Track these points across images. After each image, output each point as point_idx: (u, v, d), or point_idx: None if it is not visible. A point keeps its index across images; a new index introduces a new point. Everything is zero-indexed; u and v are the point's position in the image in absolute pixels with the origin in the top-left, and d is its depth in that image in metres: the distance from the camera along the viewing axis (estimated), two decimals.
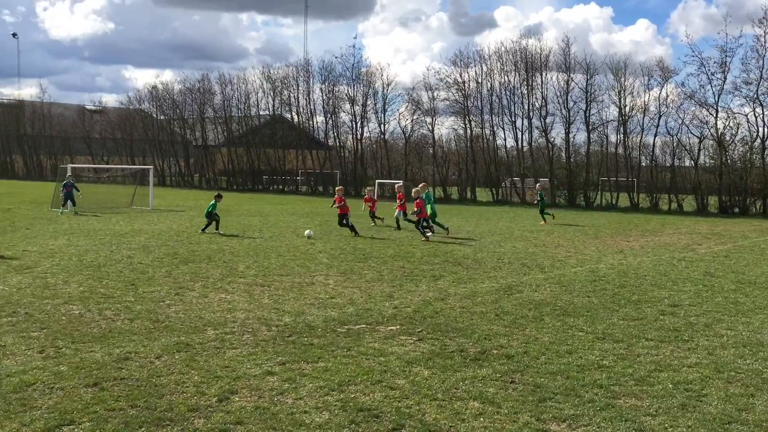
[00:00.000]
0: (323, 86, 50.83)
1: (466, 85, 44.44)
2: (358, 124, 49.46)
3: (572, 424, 5.50)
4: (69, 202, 25.49)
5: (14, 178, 65.95)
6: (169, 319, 8.73)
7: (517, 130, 43.77)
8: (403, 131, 48.16)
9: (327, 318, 9.00)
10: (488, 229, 23.01)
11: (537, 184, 33.98)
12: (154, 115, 61.36)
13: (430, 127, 47.00)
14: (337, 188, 23.09)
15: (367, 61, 74.13)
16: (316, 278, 12.09)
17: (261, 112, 55.26)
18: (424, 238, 18.39)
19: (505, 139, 45.13)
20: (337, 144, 51.24)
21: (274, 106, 54.14)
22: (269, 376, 6.50)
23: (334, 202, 20.78)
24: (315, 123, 53.26)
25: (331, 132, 51.37)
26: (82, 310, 9.17)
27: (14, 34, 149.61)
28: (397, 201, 22.45)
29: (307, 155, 53.09)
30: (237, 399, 5.87)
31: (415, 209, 19.34)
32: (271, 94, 53.81)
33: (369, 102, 49.18)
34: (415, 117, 47.53)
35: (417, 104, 47.19)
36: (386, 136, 49.19)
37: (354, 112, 49.33)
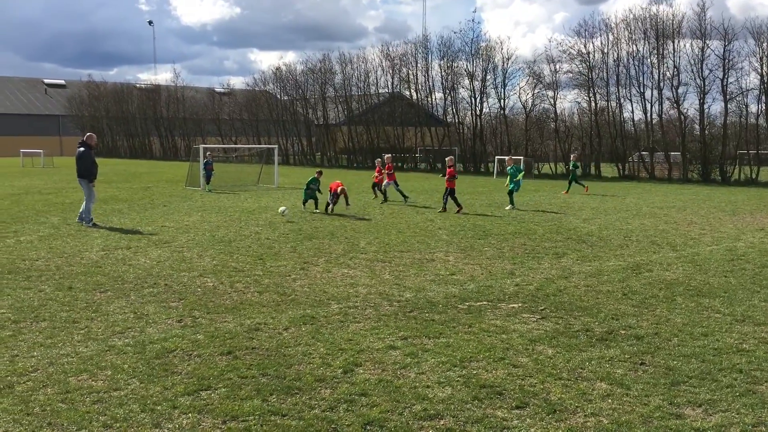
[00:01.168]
0: (442, 62, 50.46)
1: (591, 56, 42.63)
2: (477, 100, 48.77)
3: (709, 409, 5.21)
4: (204, 180, 27.07)
5: (152, 158, 70.35)
6: (295, 293, 9.04)
7: (646, 102, 41.58)
8: (523, 106, 47.01)
9: (448, 294, 9.00)
10: (614, 205, 22.12)
11: (572, 154, 33.12)
12: (278, 96, 63.32)
13: (551, 101, 45.59)
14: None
15: (486, 36, 73.01)
16: (436, 255, 12.10)
17: (380, 90, 55.70)
18: (441, 209, 19.21)
19: (632, 112, 43.01)
20: (456, 120, 50.82)
21: (392, 83, 54.40)
22: (392, 350, 6.59)
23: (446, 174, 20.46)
24: (433, 100, 53.07)
25: (449, 108, 51.00)
26: (216, 282, 9.68)
27: (150, 22, 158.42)
28: (386, 172, 22.64)
29: (426, 132, 53.05)
30: (361, 371, 6.00)
31: (448, 177, 19.67)
32: (390, 71, 54.05)
33: (488, 77, 48.33)
34: (536, 91, 46.21)
35: (538, 78, 45.84)
36: (506, 112, 48.24)
37: (473, 87, 48.67)
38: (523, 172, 20.17)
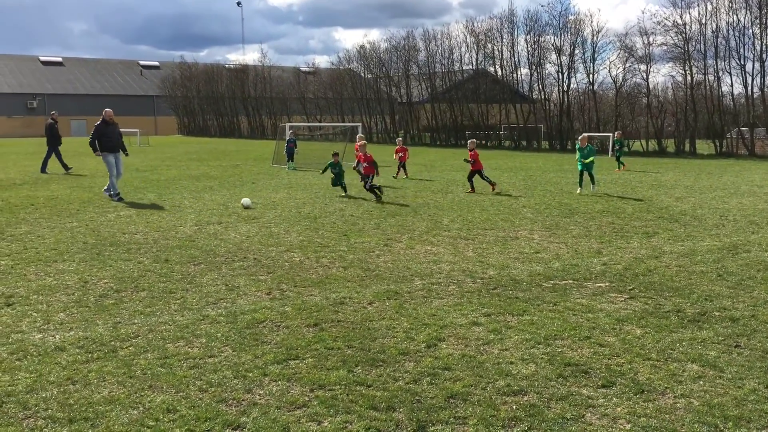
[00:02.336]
0: (528, 37, 49.40)
1: (687, 27, 40.70)
2: (565, 75, 47.54)
3: None
4: (287, 158, 27.66)
5: (240, 137, 72.35)
6: (378, 269, 9.17)
7: (747, 75, 39.45)
8: (613, 81, 45.46)
9: (532, 272, 8.91)
10: (709, 183, 21.18)
11: (616, 132, 31.69)
12: (362, 74, 63.70)
13: (644, 75, 43.90)
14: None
15: (575, 8, 70.78)
16: (520, 233, 11.97)
17: (464, 67, 55.11)
18: (469, 190, 18.34)
19: (731, 86, 41.02)
20: (542, 97, 49.72)
21: (477, 60, 53.71)
22: (475, 326, 6.61)
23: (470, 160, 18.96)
24: (519, 76, 52.09)
25: (535, 84, 49.94)
26: (302, 257, 9.93)
27: (239, 3, 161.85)
28: (356, 152, 20.47)
29: (511, 109, 52.19)
30: (444, 346, 6.05)
31: (470, 159, 18.68)
32: (475, 48, 53.35)
33: (577, 51, 46.99)
34: (627, 65, 44.60)
35: (630, 51, 44.19)
36: (595, 87, 46.80)
37: (560, 62, 47.45)
38: (594, 157, 18.21)
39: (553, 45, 47.93)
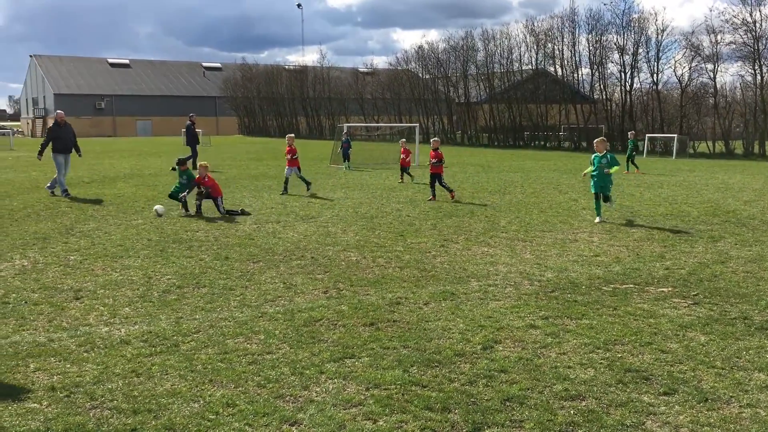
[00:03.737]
0: (590, 36, 48.57)
1: (757, 25, 39.31)
2: (628, 75, 46.52)
3: None
4: (343, 158, 27.92)
5: (298, 137, 73.17)
6: (435, 269, 9.15)
7: None
8: (678, 80, 44.28)
9: (591, 276, 8.75)
10: None
11: (630, 132, 29.79)
12: (420, 75, 63.67)
13: (711, 74, 42.63)
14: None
15: (638, 6, 69.06)
16: (579, 235, 11.77)
17: (523, 67, 54.49)
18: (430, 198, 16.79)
19: None
20: (603, 97, 48.76)
21: (536, 59, 53.07)
22: (532, 329, 6.53)
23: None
24: (580, 75, 51.24)
25: (597, 84, 49.03)
26: (359, 257, 9.99)
27: (299, 5, 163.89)
28: (288, 156, 18.93)
29: (571, 109, 51.34)
30: (500, 348, 6.00)
31: (432, 160, 17.02)
32: (534, 47, 52.75)
33: (640, 50, 45.97)
34: (693, 64, 43.37)
35: (696, 50, 42.95)
36: (659, 87, 45.62)
37: (623, 62, 46.46)
38: (618, 167, 13.27)
39: (615, 44, 47.00)
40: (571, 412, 4.72)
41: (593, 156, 13.34)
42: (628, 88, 46.67)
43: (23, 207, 15.24)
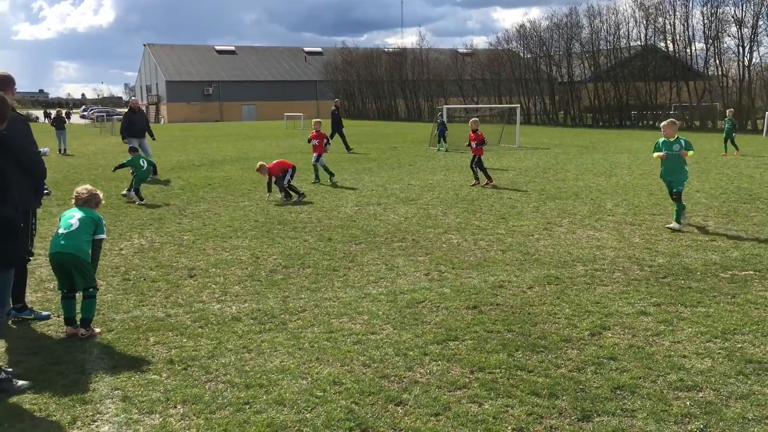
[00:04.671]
0: (704, 9, 45.87)
1: None
2: (746, 49, 43.67)
3: None
4: (442, 140, 27.86)
5: (397, 120, 73.42)
6: (538, 253, 8.97)
7: None
8: None
9: (707, 261, 8.32)
10: None
11: (728, 110, 26.52)
12: (521, 54, 62.28)
13: None
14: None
15: None
16: (692, 219, 11.20)
17: (631, 43, 52.23)
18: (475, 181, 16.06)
19: None
20: (719, 73, 46.03)
21: (646, 35, 50.72)
22: (643, 316, 6.28)
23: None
24: (692, 51, 48.57)
25: (711, 60, 46.36)
26: (460, 239, 9.93)
27: None
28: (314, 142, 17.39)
29: (682, 87, 48.79)
30: (609, 335, 5.81)
31: (472, 143, 16.25)
32: (644, 22, 50.42)
33: (760, 23, 42.97)
34: None
35: None
36: None
37: (741, 35, 43.62)
38: (693, 151, 10.69)
39: (733, 16, 44.18)
40: (687, 403, 4.51)
41: (660, 140, 10.83)
42: (746, 63, 43.86)
43: None
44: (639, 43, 51.64)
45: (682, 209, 10.48)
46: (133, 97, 20.49)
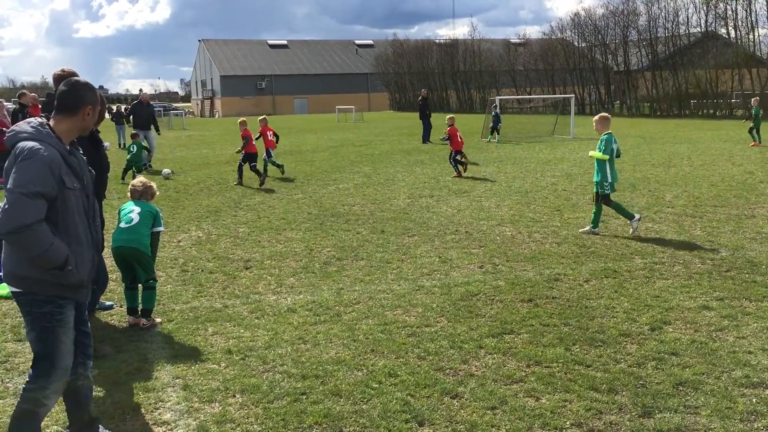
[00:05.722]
0: None
1: None
2: None
3: None
4: (495, 132, 27.61)
5: (449, 111, 73.03)
6: (595, 245, 8.80)
7: None
8: None
9: None
10: None
11: (753, 99, 25.03)
12: (575, 43, 61.09)
13: None
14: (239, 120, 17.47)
15: None
16: (756, 211, 10.83)
17: (691, 30, 50.66)
18: (455, 174, 16.28)
19: None
20: None
21: (706, 22, 49.10)
22: (705, 311, 6.11)
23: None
24: (756, 37, 46.79)
25: None
26: (514, 231, 9.82)
27: None
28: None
29: (745, 74, 47.09)
30: (670, 330, 5.67)
31: (445, 136, 17.09)
32: (704, 8, 48.75)
33: None
34: None
35: None
36: None
37: None
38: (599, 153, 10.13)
39: None
40: (753, 400, 4.37)
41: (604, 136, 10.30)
42: None
43: (196, 182, 16.43)
44: (699, 29, 50.05)
45: (598, 212, 9.53)
46: (143, 92, 22.87)
